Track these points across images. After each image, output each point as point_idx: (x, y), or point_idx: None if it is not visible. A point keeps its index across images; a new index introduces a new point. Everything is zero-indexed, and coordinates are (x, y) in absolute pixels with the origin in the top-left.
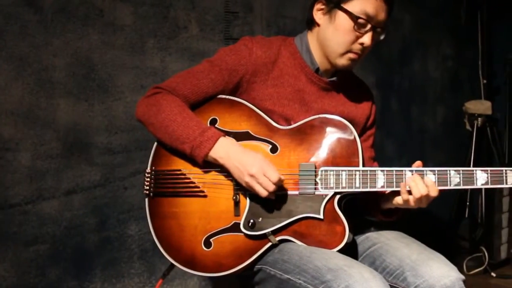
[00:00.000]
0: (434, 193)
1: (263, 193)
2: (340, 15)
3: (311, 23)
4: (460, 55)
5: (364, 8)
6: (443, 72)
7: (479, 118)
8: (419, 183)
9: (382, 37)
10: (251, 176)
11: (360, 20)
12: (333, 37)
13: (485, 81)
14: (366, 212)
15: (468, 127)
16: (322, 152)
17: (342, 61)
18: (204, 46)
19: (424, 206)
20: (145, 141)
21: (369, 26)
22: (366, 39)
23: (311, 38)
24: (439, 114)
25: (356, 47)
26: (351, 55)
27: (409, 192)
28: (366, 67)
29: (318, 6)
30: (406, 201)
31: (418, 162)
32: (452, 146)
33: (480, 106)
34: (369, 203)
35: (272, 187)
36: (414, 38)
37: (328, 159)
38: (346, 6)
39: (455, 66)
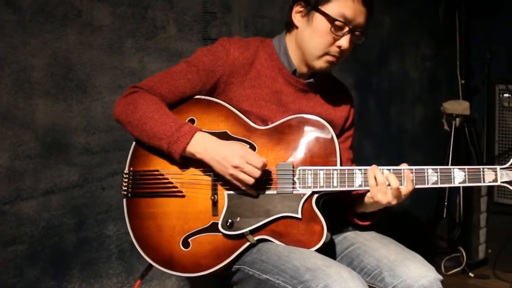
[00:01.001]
0: (394, 183)
1: (250, 180)
2: (318, 17)
3: (289, 25)
4: (438, 55)
5: (341, 10)
6: (422, 73)
7: (457, 118)
8: (388, 175)
9: (361, 41)
10: (235, 167)
11: (337, 23)
12: (311, 40)
13: (463, 81)
14: (343, 214)
15: (446, 127)
16: (300, 151)
17: (320, 64)
18: (182, 47)
19: (394, 202)
20: (123, 141)
21: (346, 29)
22: (344, 42)
23: (289, 40)
24: (417, 114)
25: (334, 49)
26: (328, 58)
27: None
28: (345, 68)
29: (297, 8)
30: (374, 194)
31: (403, 165)
32: (431, 146)
33: (458, 106)
34: (345, 206)
35: (258, 173)
36: (393, 39)
37: (306, 158)
38: (324, 8)
39: (434, 66)
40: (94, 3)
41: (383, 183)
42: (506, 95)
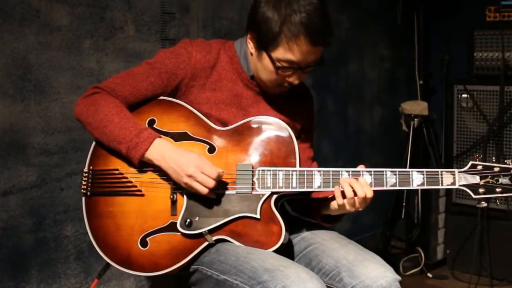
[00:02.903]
0: (369, 193)
1: (204, 190)
2: (266, 57)
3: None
4: (396, 56)
5: (287, 57)
6: (380, 73)
7: (416, 119)
8: (355, 185)
9: (316, 68)
10: (189, 176)
11: (281, 70)
12: (262, 73)
13: (421, 82)
14: (307, 215)
15: (404, 127)
16: (260, 152)
17: (274, 90)
18: (141, 47)
19: (361, 209)
20: (82, 141)
21: (295, 69)
22: (295, 80)
23: (252, 57)
24: (375, 115)
25: (286, 83)
26: (282, 88)
27: (343, 195)
28: None
29: (251, 36)
30: (342, 206)
31: (361, 166)
32: (389, 146)
33: (417, 107)
34: (311, 207)
35: (212, 183)
36: (350, 39)
37: (265, 159)
38: (271, 52)
39: (392, 67)
40: (52, 3)
41: (352, 197)
42: (464, 95)
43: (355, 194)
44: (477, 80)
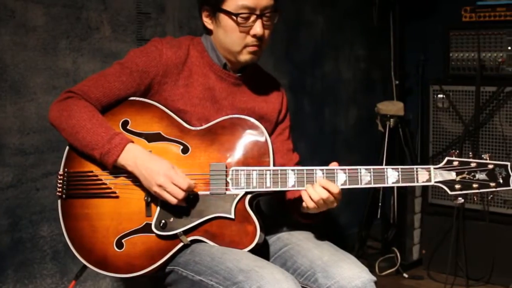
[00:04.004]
0: (334, 189)
1: (173, 201)
2: (222, 16)
3: (206, 30)
4: (372, 56)
5: (239, 3)
6: (356, 73)
7: (391, 119)
8: (316, 188)
9: (276, 20)
10: (159, 186)
11: (240, 16)
12: (226, 39)
13: (397, 82)
14: (287, 213)
15: (380, 128)
16: (233, 152)
17: (244, 57)
18: (117, 47)
19: (333, 206)
20: (58, 142)
21: (253, 17)
22: (257, 29)
23: (213, 38)
24: (351, 115)
25: (251, 40)
26: (250, 49)
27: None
28: (279, 68)
29: (205, 13)
30: (313, 208)
31: (334, 163)
32: (365, 147)
33: (392, 107)
34: (290, 205)
35: (181, 194)
36: (326, 40)
37: (239, 159)
38: (225, 6)
39: (368, 67)
40: (28, 3)
41: (319, 199)
42: (440, 96)
43: (322, 196)
44: (453, 81)
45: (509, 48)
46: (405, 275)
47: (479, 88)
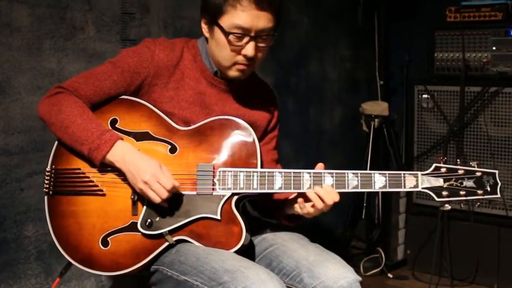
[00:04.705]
0: (336, 198)
1: (156, 199)
2: (217, 30)
3: (203, 35)
4: (357, 56)
5: (234, 21)
6: (340, 73)
7: (376, 119)
8: (322, 195)
9: (271, 43)
10: (145, 183)
11: (232, 36)
12: (217, 52)
13: (381, 82)
14: (269, 215)
15: (365, 128)
16: (221, 153)
17: (232, 73)
18: (101, 47)
19: (326, 211)
20: (42, 142)
21: (246, 38)
22: (248, 50)
23: (208, 45)
24: (336, 115)
25: (241, 59)
26: (238, 67)
27: (312, 205)
28: (264, 68)
29: (203, 20)
30: (308, 214)
31: (320, 165)
32: (350, 147)
33: (377, 107)
34: (273, 207)
35: (165, 194)
36: (311, 40)
37: (227, 160)
38: (220, 22)
39: (352, 67)
40: (12, 3)
41: (321, 207)
42: (425, 96)
43: (323, 202)
44: (437, 81)
45: (494, 48)
46: (390, 275)
47: (463, 88)
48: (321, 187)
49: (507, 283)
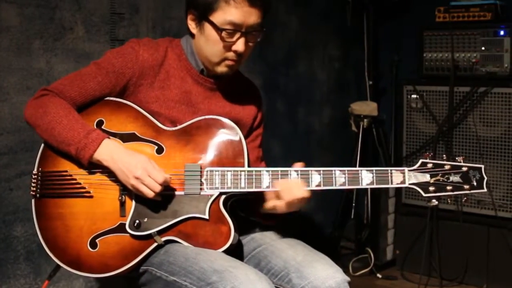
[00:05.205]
0: (306, 194)
1: (149, 194)
2: (208, 26)
3: (189, 31)
4: (346, 56)
5: (227, 18)
6: (330, 74)
7: (365, 119)
8: (289, 186)
9: (259, 39)
10: (136, 178)
11: (225, 32)
12: (206, 48)
13: (371, 82)
14: (250, 214)
15: (354, 128)
16: (208, 153)
17: (220, 69)
18: (90, 47)
19: (297, 209)
20: (31, 142)
21: (238, 34)
22: (239, 46)
23: (194, 41)
24: (325, 115)
25: (231, 55)
26: (228, 63)
27: (278, 197)
28: (252, 69)
29: (191, 16)
30: (274, 207)
31: (301, 163)
32: (339, 147)
33: (366, 107)
34: (252, 205)
35: (158, 188)
36: (300, 40)
37: (214, 159)
38: (212, 18)
39: (341, 67)
40: (1, 3)
41: (291, 200)
42: (414, 96)
43: (293, 196)
44: (426, 81)
45: (483, 48)
46: (379, 275)
47: (452, 88)
48: (287, 180)
49: (496, 283)
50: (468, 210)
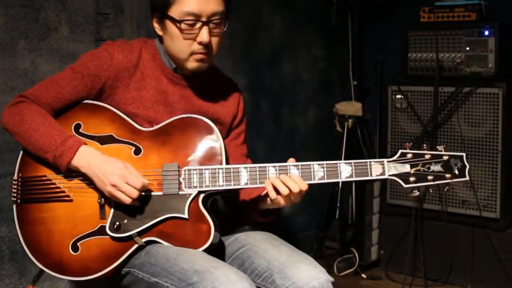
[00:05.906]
0: (304, 187)
1: (127, 200)
2: (169, 23)
3: (158, 35)
4: (330, 56)
5: (184, 9)
6: (314, 74)
7: (350, 120)
8: (288, 182)
9: (225, 27)
10: (113, 185)
11: (184, 23)
12: (172, 46)
13: (355, 83)
14: (243, 213)
15: (338, 128)
16: (186, 152)
17: (191, 65)
18: (75, 48)
19: (297, 201)
20: (16, 143)
21: (199, 24)
22: (203, 36)
23: (164, 44)
24: (310, 116)
25: (197, 47)
26: (196, 57)
27: (277, 191)
28: (236, 69)
29: (155, 19)
30: (274, 200)
31: (291, 159)
32: (324, 147)
33: (351, 108)
34: (247, 204)
35: (135, 194)
36: (284, 40)
37: (191, 158)
38: (170, 13)
39: (326, 67)
40: None
41: (287, 194)
42: (398, 96)
43: (290, 191)
44: (411, 81)
45: (468, 48)
46: (363, 275)
47: (437, 88)
48: (286, 175)
49: (481, 283)
50: (453, 210)
